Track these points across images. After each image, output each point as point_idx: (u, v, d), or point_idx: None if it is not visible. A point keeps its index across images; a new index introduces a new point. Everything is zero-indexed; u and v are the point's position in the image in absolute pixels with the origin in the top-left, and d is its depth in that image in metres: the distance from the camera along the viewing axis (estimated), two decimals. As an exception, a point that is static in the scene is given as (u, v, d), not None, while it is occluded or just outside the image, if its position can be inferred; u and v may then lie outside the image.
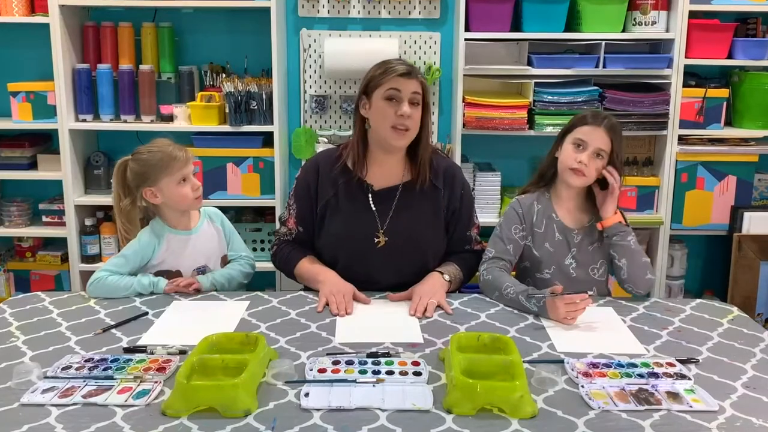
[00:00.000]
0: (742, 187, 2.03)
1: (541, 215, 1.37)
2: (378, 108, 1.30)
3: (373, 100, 1.31)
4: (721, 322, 1.22)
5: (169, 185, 1.33)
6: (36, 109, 2.01)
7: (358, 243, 1.35)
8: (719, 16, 1.99)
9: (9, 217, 2.10)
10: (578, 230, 1.36)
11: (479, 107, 1.97)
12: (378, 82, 1.29)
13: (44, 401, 0.91)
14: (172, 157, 1.33)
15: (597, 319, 1.22)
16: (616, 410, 0.90)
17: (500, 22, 1.95)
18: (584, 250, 1.36)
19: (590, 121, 1.32)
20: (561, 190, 1.38)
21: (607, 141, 1.31)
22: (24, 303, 1.29)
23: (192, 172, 1.36)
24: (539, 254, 1.36)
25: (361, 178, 1.36)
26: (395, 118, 1.28)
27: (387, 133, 1.30)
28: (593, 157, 1.31)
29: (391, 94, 1.28)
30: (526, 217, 1.37)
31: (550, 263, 1.36)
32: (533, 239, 1.37)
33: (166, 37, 2.06)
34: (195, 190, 1.35)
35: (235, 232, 1.48)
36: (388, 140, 1.31)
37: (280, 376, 0.97)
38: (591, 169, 1.31)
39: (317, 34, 2.14)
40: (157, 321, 1.20)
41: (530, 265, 1.38)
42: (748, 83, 2.01)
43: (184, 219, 1.40)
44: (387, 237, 1.34)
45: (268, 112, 2.00)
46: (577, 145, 1.32)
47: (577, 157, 1.31)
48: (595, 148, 1.31)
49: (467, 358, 0.96)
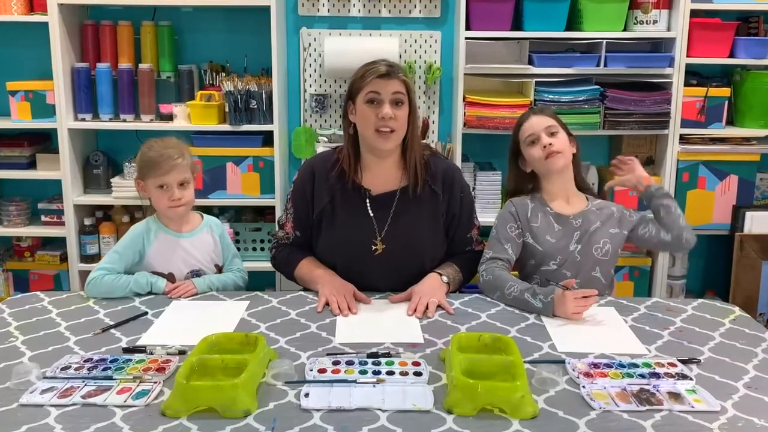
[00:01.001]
0: (744, 186, 2.02)
1: (535, 210, 1.39)
2: (361, 112, 1.29)
3: (357, 105, 1.30)
4: (723, 322, 1.22)
5: (150, 186, 1.35)
6: (35, 108, 2.00)
7: (356, 250, 1.34)
8: (721, 15, 1.99)
9: (8, 216, 2.10)
10: (575, 215, 1.38)
11: (480, 106, 1.96)
12: (359, 86, 1.29)
13: (43, 402, 0.91)
14: (158, 161, 1.33)
15: (598, 319, 1.22)
16: (617, 410, 0.90)
17: (501, 21, 1.94)
18: (587, 232, 1.37)
19: (523, 120, 1.41)
20: (549, 187, 1.40)
21: (545, 119, 1.39)
22: (23, 303, 1.28)
23: (178, 182, 1.34)
24: (543, 248, 1.36)
25: (358, 183, 1.35)
26: (377, 121, 1.27)
27: (372, 137, 1.30)
28: (549, 136, 1.36)
29: (371, 96, 1.27)
30: (520, 215, 1.38)
31: (555, 254, 1.36)
32: (532, 235, 1.37)
33: (165, 35, 2.06)
34: (171, 200, 1.34)
35: (233, 247, 1.47)
36: (374, 144, 1.30)
37: (280, 376, 0.97)
38: (558, 144, 1.36)
39: (317, 33, 2.13)
40: (157, 321, 1.20)
41: (535, 261, 1.38)
42: (750, 82, 2.00)
43: (177, 220, 1.39)
44: (385, 244, 1.33)
45: (267, 111, 1.99)
46: (531, 141, 1.38)
47: (540, 146, 1.36)
48: (544, 129, 1.37)
49: (468, 359, 0.96)
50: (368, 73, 1.27)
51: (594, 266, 1.36)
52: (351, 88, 1.32)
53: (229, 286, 1.40)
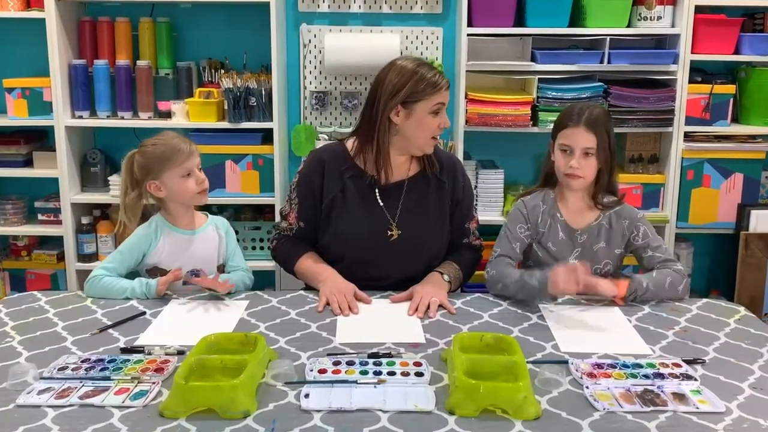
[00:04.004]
0: (749, 184, 2.01)
1: (545, 215, 1.37)
2: (421, 120, 1.31)
3: (416, 112, 1.30)
4: (728, 321, 1.21)
5: (173, 179, 1.32)
6: (32, 105, 1.99)
7: (370, 238, 1.35)
8: (726, 11, 1.97)
9: (4, 215, 2.08)
10: (582, 230, 1.36)
11: (482, 103, 1.95)
12: (422, 96, 1.29)
13: (40, 402, 0.90)
14: (176, 149, 1.31)
15: (602, 319, 1.21)
16: (621, 411, 0.89)
17: (503, 17, 1.93)
18: (589, 249, 1.35)
19: (570, 122, 1.32)
20: (564, 191, 1.38)
21: (590, 138, 1.30)
22: (19, 302, 1.27)
23: (197, 166, 1.34)
24: (541, 255, 1.36)
25: (368, 174, 1.36)
26: (437, 130, 1.32)
27: (426, 143, 1.33)
28: (583, 157, 1.31)
29: (438, 108, 1.31)
30: (530, 217, 1.37)
31: (554, 263, 1.34)
32: (538, 239, 1.37)
33: (163, 32, 2.04)
34: (199, 184, 1.33)
35: (237, 246, 1.46)
36: (422, 148, 1.34)
37: (280, 376, 0.96)
38: (584, 169, 1.32)
39: (317, 29, 2.12)
40: (155, 321, 1.19)
41: (534, 264, 1.38)
42: (755, 79, 1.99)
43: (187, 217, 1.38)
44: (400, 230, 1.35)
45: (267, 108, 1.98)
46: (564, 150, 1.33)
47: (568, 161, 1.31)
48: (581, 149, 1.31)
49: (470, 359, 0.95)
50: (435, 85, 1.29)
51: None
52: (407, 92, 1.28)
53: (238, 285, 1.39)
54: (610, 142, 1.32)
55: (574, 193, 1.36)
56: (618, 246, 1.36)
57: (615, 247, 1.36)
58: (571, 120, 1.31)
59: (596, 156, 1.31)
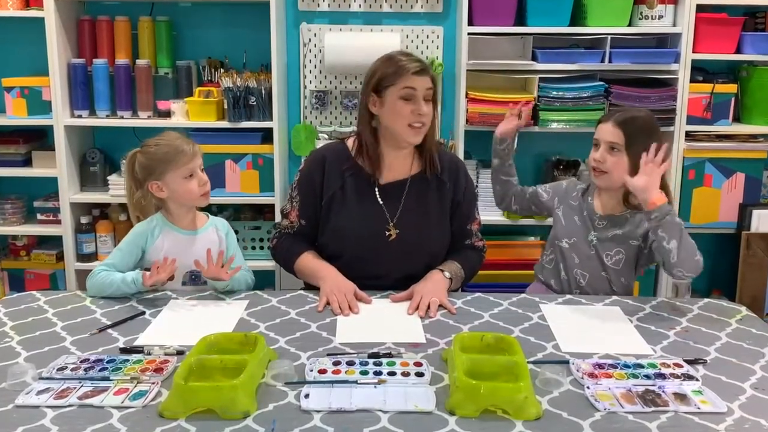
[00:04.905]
0: (751, 184, 2.01)
1: (579, 193, 1.44)
2: (393, 107, 1.29)
3: (387, 99, 1.29)
4: (730, 322, 1.21)
5: (175, 180, 1.31)
6: (31, 104, 1.98)
7: (368, 236, 1.34)
8: (727, 10, 1.97)
9: (3, 214, 2.08)
10: (603, 216, 1.39)
11: (483, 103, 1.95)
12: (392, 81, 1.28)
13: (39, 403, 0.89)
14: (179, 150, 1.30)
15: (603, 319, 1.21)
16: (622, 412, 0.89)
17: (504, 16, 1.93)
18: (604, 236, 1.38)
19: (604, 118, 1.37)
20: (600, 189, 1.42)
21: (617, 133, 1.31)
22: (18, 302, 1.27)
23: (200, 167, 1.34)
24: (564, 223, 1.43)
25: (368, 172, 1.36)
26: (412, 117, 1.28)
27: (404, 131, 1.30)
28: (607, 152, 1.32)
29: (407, 93, 1.27)
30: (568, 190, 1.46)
31: (571, 235, 1.41)
32: (563, 209, 1.44)
33: (163, 31, 2.04)
34: (202, 186, 1.33)
35: (238, 247, 1.46)
36: (404, 138, 1.31)
37: (280, 376, 0.95)
38: (609, 164, 1.32)
39: (317, 28, 2.11)
40: (154, 321, 1.19)
41: (555, 231, 1.45)
42: (757, 78, 1.99)
43: (188, 217, 1.37)
44: (398, 229, 1.34)
45: (267, 107, 1.98)
46: (594, 144, 1.36)
47: (593, 155, 1.34)
48: (606, 143, 1.33)
49: (470, 359, 0.95)
50: (403, 68, 1.27)
51: (603, 268, 1.38)
52: (378, 81, 1.29)
53: (241, 282, 1.38)
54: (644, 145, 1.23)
55: (603, 193, 1.39)
56: (635, 238, 1.36)
57: (632, 239, 1.36)
58: (607, 116, 1.37)
59: (626, 155, 1.30)
